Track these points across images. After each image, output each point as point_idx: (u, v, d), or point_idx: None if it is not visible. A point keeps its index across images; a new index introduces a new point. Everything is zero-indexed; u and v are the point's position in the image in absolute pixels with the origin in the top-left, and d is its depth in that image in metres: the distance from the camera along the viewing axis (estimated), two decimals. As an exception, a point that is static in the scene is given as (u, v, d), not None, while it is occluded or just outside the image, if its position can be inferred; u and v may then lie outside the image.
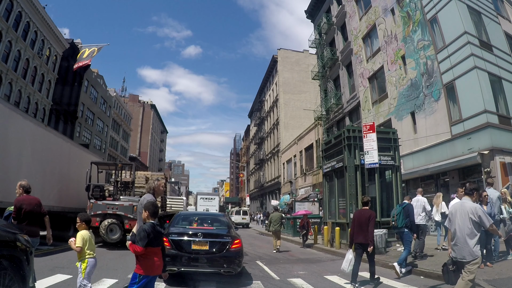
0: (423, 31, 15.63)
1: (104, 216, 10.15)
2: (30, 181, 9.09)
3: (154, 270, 3.39)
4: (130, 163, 13.72)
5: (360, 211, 6.36)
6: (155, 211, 3.57)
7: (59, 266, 6.53)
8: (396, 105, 17.28)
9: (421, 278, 6.60)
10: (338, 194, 12.04)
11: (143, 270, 3.33)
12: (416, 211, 7.91)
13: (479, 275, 6.15)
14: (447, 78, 14.02)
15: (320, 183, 25.19)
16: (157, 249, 3.46)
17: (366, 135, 10.27)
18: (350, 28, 22.96)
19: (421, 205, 8.21)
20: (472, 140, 12.69)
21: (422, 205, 8.24)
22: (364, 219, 5.97)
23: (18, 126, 8.51)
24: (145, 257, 3.32)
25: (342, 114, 23.84)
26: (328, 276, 6.74)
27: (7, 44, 23.08)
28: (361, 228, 5.95)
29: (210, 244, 5.77)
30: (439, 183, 14.51)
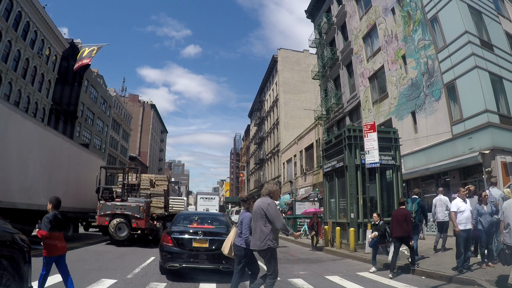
0: (424, 31, 15.60)
1: (113, 216, 10.91)
2: (29, 180, 9.12)
3: (56, 251, 4.35)
4: (136, 167, 14.54)
5: (397, 210, 7.44)
6: (57, 204, 4.86)
7: (58, 266, 6.48)
8: (397, 104, 17.24)
9: (422, 279, 6.57)
10: (338, 194, 12.00)
11: (47, 252, 4.23)
12: (440, 209, 8.98)
13: (481, 275, 6.13)
14: (448, 77, 13.98)
15: (320, 182, 25.16)
16: (58, 234, 4.48)
17: (366, 134, 10.23)
18: (350, 28, 22.92)
19: (444, 204, 9.01)
20: (473, 140, 12.65)
21: (445, 204, 9.00)
22: (400, 216, 6.99)
23: (17, 125, 8.47)
24: (49, 241, 4.21)
25: (342, 114, 23.80)
26: (329, 276, 6.70)
27: (6, 43, 23.04)
28: (399, 224, 6.94)
29: (210, 242, 6.09)
30: (440, 183, 14.45)
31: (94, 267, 6.65)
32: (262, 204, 4.33)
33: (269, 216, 4.23)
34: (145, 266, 7.22)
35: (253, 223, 4.42)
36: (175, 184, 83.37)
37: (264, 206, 4.29)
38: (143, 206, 11.00)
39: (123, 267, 6.84)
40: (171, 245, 6.03)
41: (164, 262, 6.12)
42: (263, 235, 4.21)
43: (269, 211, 4.23)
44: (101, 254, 8.63)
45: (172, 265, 5.99)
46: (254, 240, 4.32)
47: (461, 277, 6.13)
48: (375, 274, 7.03)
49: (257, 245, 4.26)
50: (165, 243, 6.14)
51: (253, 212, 4.46)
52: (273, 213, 4.24)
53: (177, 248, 6.01)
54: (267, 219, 4.25)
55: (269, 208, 4.25)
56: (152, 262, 7.74)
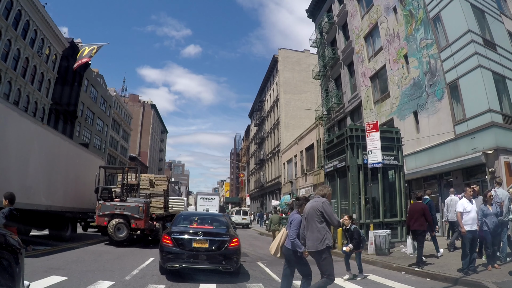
0: (426, 30, 15.46)
1: (112, 216, 10.76)
2: (27, 180, 8.99)
3: None
4: (135, 167, 14.36)
5: (414, 204, 7.61)
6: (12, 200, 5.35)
7: (54, 267, 6.35)
8: (399, 104, 17.10)
9: (427, 280, 6.43)
10: (340, 194, 11.87)
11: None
12: (452, 209, 9.06)
13: (487, 277, 6.00)
14: (451, 77, 13.85)
15: (321, 183, 25.03)
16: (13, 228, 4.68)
17: (369, 134, 10.09)
18: (351, 27, 22.79)
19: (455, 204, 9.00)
20: (476, 140, 12.51)
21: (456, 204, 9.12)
22: (419, 210, 7.18)
23: (15, 124, 8.34)
24: None
25: (343, 114, 23.67)
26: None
27: (6, 42, 22.94)
28: (417, 218, 7.17)
29: (210, 242, 6.10)
30: (442, 183, 14.33)
31: (91, 268, 6.51)
32: (317, 204, 4.37)
33: (325, 214, 4.27)
34: (144, 267, 7.08)
35: (306, 225, 4.39)
36: (175, 184, 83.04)
37: (319, 205, 4.34)
38: (142, 206, 10.87)
39: (121, 269, 6.70)
40: (171, 245, 6.06)
41: (164, 262, 6.10)
42: (320, 235, 4.22)
43: (325, 209, 4.29)
44: (99, 255, 8.49)
45: (172, 265, 6.00)
46: (310, 242, 4.27)
47: (467, 279, 6.00)
48: (377, 276, 6.89)
49: (315, 246, 4.22)
50: (165, 244, 6.12)
51: (306, 214, 4.42)
52: (328, 210, 4.31)
53: (177, 249, 6.01)
54: (323, 217, 4.28)
55: (325, 206, 4.31)
56: (151, 263, 7.61)
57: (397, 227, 10.92)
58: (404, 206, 11.22)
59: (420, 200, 7.84)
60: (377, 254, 9.23)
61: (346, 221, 6.91)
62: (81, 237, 12.88)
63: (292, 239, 4.44)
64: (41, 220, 10.10)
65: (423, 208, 7.39)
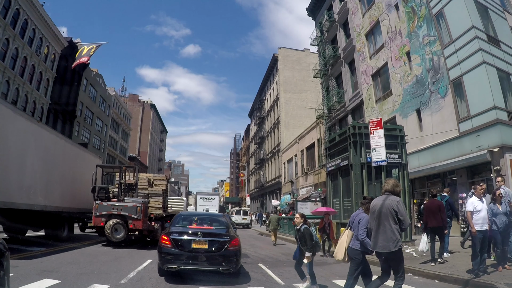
0: (429, 26, 15.22)
1: (109, 217, 10.50)
2: (22, 179, 8.75)
3: None
4: (134, 166, 14.02)
5: (431, 201, 7.63)
6: None
7: (48, 269, 6.10)
8: (401, 102, 16.86)
9: (436, 282, 6.19)
10: (343, 194, 11.63)
11: None
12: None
13: (499, 278, 5.76)
14: (454, 73, 13.61)
15: (322, 182, 24.79)
16: None
17: (373, 131, 9.85)
18: (352, 25, 22.55)
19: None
20: (481, 138, 12.28)
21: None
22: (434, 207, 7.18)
23: (9, 121, 8.10)
24: None
25: (344, 112, 23.43)
26: (336, 281, 6.31)
27: (4, 41, 22.71)
28: (433, 215, 7.25)
29: (210, 243, 5.95)
30: (446, 182, 14.08)
31: (86, 271, 6.26)
32: (391, 202, 4.07)
33: (399, 214, 4.01)
34: (141, 269, 6.84)
35: (376, 224, 4.14)
36: (175, 185, 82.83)
37: (394, 204, 4.05)
38: (140, 206, 10.62)
39: (118, 271, 6.45)
40: (169, 246, 5.91)
41: (163, 263, 5.94)
42: (394, 235, 3.99)
43: (399, 209, 4.02)
44: (95, 257, 8.24)
45: (170, 266, 5.85)
46: (383, 242, 4.05)
47: (477, 280, 5.76)
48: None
49: (388, 246, 4.00)
50: (164, 244, 5.97)
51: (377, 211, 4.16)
52: (403, 211, 4.06)
53: (176, 249, 5.86)
54: (397, 217, 4.02)
55: (399, 206, 4.05)
56: (148, 265, 7.36)
57: (401, 227, 10.66)
58: (408, 206, 10.99)
59: (435, 197, 7.89)
60: (381, 254, 8.99)
61: (297, 219, 5.83)
62: (78, 238, 12.63)
63: (362, 238, 4.31)
64: (36, 220, 9.86)
65: (440, 205, 7.48)
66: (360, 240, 4.33)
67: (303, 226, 5.65)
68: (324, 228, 10.32)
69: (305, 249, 5.49)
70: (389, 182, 4.31)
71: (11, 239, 10.48)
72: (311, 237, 5.53)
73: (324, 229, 10.32)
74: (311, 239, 5.50)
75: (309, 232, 5.58)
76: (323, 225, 10.41)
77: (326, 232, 10.33)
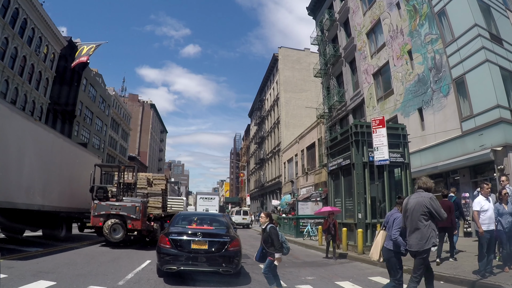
0: (431, 25, 15.09)
1: (107, 217, 10.36)
2: (19, 178, 8.61)
3: None
4: (133, 165, 13.84)
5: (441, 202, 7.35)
6: None
7: (44, 270, 5.95)
8: (403, 101, 16.72)
9: (441, 284, 6.04)
10: (344, 193, 11.48)
11: None
12: None
13: (506, 279, 5.62)
14: (457, 72, 13.47)
15: (323, 182, 24.65)
16: None
17: (375, 130, 9.71)
18: (353, 24, 22.42)
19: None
20: (484, 137, 12.13)
21: None
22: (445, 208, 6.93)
23: (5, 119, 7.95)
24: None
25: (345, 112, 23.29)
26: (339, 282, 6.17)
27: (3, 41, 22.58)
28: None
29: (209, 243, 5.84)
30: (449, 182, 13.94)
31: (83, 272, 6.12)
32: (423, 200, 4.09)
33: (433, 210, 4.03)
34: (140, 271, 6.69)
35: (409, 222, 4.14)
36: (174, 185, 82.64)
37: (426, 201, 4.07)
38: (139, 206, 10.47)
39: (115, 272, 6.31)
40: (168, 246, 5.80)
41: (162, 264, 5.82)
42: (427, 233, 4.01)
43: (432, 205, 4.04)
44: (93, 257, 8.10)
45: (169, 267, 5.74)
46: (414, 240, 4.04)
47: (484, 281, 5.63)
48: (387, 279, 6.48)
49: (420, 244, 4.01)
50: (163, 245, 5.85)
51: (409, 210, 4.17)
52: (436, 207, 4.07)
53: (175, 250, 5.76)
54: (430, 214, 4.04)
55: (432, 202, 4.07)
56: (147, 266, 7.22)
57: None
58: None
59: (446, 197, 7.93)
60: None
61: (262, 219, 5.46)
62: (77, 238, 12.49)
63: (395, 238, 4.27)
64: (34, 220, 9.71)
65: (450, 206, 7.54)
66: (393, 239, 4.30)
67: (269, 226, 5.27)
68: (329, 229, 9.74)
69: (273, 250, 5.07)
70: (421, 179, 4.37)
71: (8, 239, 10.34)
72: (277, 236, 5.15)
73: (329, 230, 9.75)
74: (278, 239, 5.12)
75: (276, 231, 5.21)
76: (327, 225, 9.83)
77: (331, 233, 9.74)
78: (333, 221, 9.86)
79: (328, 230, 9.72)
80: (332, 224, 9.76)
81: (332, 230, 9.64)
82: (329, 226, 9.72)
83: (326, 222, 9.99)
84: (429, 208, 4.01)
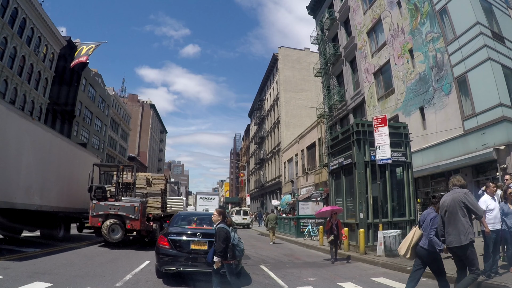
0: (432, 23, 14.98)
1: (106, 217, 10.29)
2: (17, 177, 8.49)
3: None
4: (131, 165, 13.73)
5: None
6: None
7: (40, 271, 5.84)
8: (404, 100, 16.61)
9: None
10: (346, 193, 11.36)
11: None
12: None
13: (511, 279, 5.50)
14: (459, 70, 13.36)
15: (323, 182, 24.53)
16: None
17: (377, 129, 9.59)
18: (354, 23, 22.30)
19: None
20: (486, 135, 12.02)
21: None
22: None
23: (2, 118, 7.84)
24: None
25: (345, 111, 23.17)
26: (341, 283, 6.05)
27: (2, 40, 22.47)
28: None
29: (209, 244, 5.70)
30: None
31: (80, 273, 6.00)
32: (459, 196, 4.17)
33: (469, 205, 4.08)
34: (138, 272, 6.57)
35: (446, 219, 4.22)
36: (174, 185, 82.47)
37: (461, 196, 4.14)
38: (138, 206, 10.35)
39: (113, 273, 6.19)
40: (167, 247, 5.72)
41: (161, 265, 5.72)
42: (464, 228, 4.05)
43: (468, 200, 4.10)
44: (91, 258, 7.98)
45: (168, 268, 5.64)
46: (453, 236, 4.12)
47: (490, 282, 5.52)
48: (391, 279, 6.37)
49: (459, 240, 4.06)
50: (162, 245, 5.75)
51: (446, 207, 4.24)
52: (472, 201, 4.13)
53: (174, 251, 5.69)
54: (467, 209, 4.10)
55: (468, 197, 4.12)
56: (146, 267, 7.10)
57: (406, 227, 10.40)
58: (413, 205, 10.73)
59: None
60: (386, 255, 8.74)
61: (214, 217, 4.96)
62: (75, 238, 12.37)
63: (430, 237, 4.28)
64: (31, 220, 9.60)
65: None
66: (428, 239, 4.33)
67: (219, 225, 4.75)
68: (332, 229, 9.24)
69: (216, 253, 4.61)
70: (455, 177, 4.47)
71: (6, 240, 10.22)
72: (225, 239, 4.61)
73: (332, 230, 9.23)
74: (223, 241, 4.57)
75: (223, 232, 4.64)
76: (330, 226, 9.34)
77: (333, 233, 9.20)
78: (336, 221, 9.43)
79: (330, 230, 9.27)
80: (335, 224, 9.33)
81: (335, 231, 9.19)
82: (331, 227, 9.30)
83: (329, 222, 9.55)
84: (465, 202, 4.07)
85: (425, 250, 4.39)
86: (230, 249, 4.71)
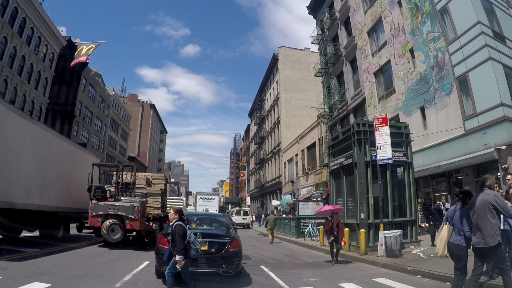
0: (433, 23, 14.93)
1: (105, 217, 10.25)
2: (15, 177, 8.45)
3: None
4: (131, 165, 13.72)
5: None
6: None
7: (39, 272, 5.79)
8: (404, 100, 16.56)
9: (447, 285, 5.86)
10: (346, 193, 11.31)
11: None
12: None
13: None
14: (460, 70, 13.31)
15: (323, 182, 24.49)
16: None
17: (378, 128, 9.55)
18: (354, 23, 22.26)
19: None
20: (487, 135, 11.97)
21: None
22: None
23: (1, 117, 7.80)
24: None
25: (346, 111, 23.13)
26: (343, 284, 6.01)
27: (2, 40, 22.45)
28: None
29: (209, 244, 5.73)
30: (452, 181, 13.79)
31: (79, 274, 5.96)
32: (488, 197, 4.17)
33: (499, 207, 4.09)
34: (138, 272, 6.53)
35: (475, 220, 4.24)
36: (174, 185, 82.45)
37: (491, 198, 4.14)
38: (137, 206, 10.31)
39: (113, 274, 6.14)
40: (167, 247, 5.53)
41: (160, 265, 5.66)
42: (493, 230, 4.07)
43: (498, 202, 4.10)
44: (90, 258, 7.93)
45: None
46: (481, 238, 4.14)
47: (492, 283, 5.47)
48: (392, 280, 6.33)
49: (486, 242, 4.09)
50: (161, 245, 5.69)
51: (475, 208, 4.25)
52: (502, 203, 4.14)
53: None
54: (496, 211, 4.11)
55: (497, 199, 4.12)
56: (145, 267, 7.05)
57: (407, 227, 10.37)
58: (414, 205, 10.68)
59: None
60: (387, 256, 8.69)
61: (171, 215, 4.90)
62: (75, 238, 12.33)
63: (469, 234, 4.30)
64: (31, 220, 9.55)
65: None
66: (467, 236, 4.32)
67: (176, 223, 4.72)
68: (332, 230, 8.96)
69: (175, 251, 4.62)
70: (484, 177, 4.50)
71: (5, 239, 10.17)
72: (183, 236, 4.61)
73: (332, 231, 8.97)
74: (182, 239, 4.58)
75: (182, 230, 4.65)
76: (330, 226, 9.05)
77: (333, 233, 8.93)
78: (337, 221, 9.14)
79: (331, 230, 8.99)
80: (336, 224, 9.04)
81: (335, 231, 8.92)
82: (332, 227, 9.02)
83: (329, 222, 9.28)
84: (494, 204, 4.08)
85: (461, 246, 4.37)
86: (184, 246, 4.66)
